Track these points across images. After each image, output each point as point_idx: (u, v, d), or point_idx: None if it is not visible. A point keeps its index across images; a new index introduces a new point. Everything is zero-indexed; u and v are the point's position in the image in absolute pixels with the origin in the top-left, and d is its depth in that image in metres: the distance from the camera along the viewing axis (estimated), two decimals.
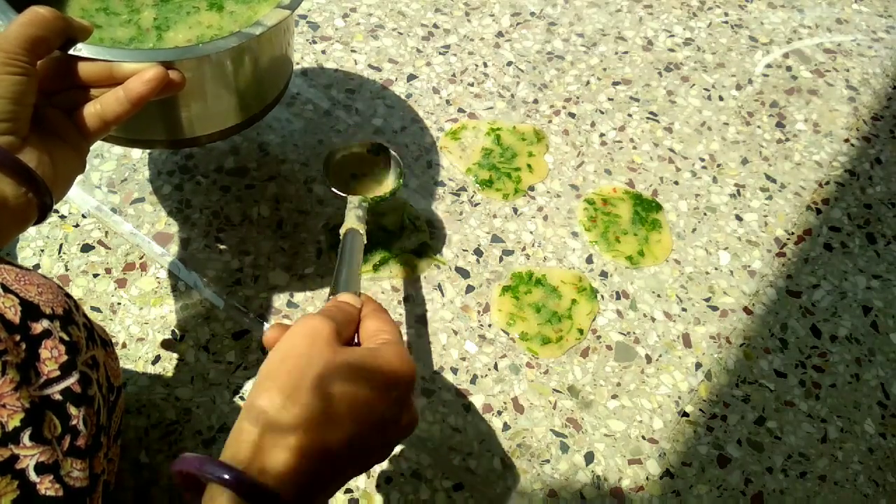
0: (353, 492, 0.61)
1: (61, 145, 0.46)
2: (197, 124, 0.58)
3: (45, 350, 0.40)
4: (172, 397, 0.64)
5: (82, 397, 0.41)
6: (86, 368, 0.43)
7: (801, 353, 0.72)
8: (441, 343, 0.69)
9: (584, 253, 0.77)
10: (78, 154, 0.47)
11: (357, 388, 0.37)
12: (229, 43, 0.51)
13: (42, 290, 0.42)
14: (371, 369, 0.39)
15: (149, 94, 0.46)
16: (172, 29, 0.57)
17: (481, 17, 0.99)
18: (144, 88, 0.46)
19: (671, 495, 0.63)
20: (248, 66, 0.57)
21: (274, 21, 0.53)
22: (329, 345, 0.38)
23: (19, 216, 0.43)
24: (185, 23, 0.57)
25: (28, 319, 0.40)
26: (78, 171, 0.48)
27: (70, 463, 0.39)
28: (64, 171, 0.46)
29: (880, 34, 1.05)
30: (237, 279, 0.71)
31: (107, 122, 0.47)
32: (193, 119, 0.57)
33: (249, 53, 0.57)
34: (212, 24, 0.58)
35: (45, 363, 0.40)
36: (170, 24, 0.57)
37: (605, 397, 0.67)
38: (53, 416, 0.39)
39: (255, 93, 0.61)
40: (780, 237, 0.81)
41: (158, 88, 0.47)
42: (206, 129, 0.59)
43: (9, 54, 0.41)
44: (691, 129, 0.90)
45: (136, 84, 0.46)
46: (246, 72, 0.58)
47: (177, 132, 0.58)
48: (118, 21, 0.56)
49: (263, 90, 0.62)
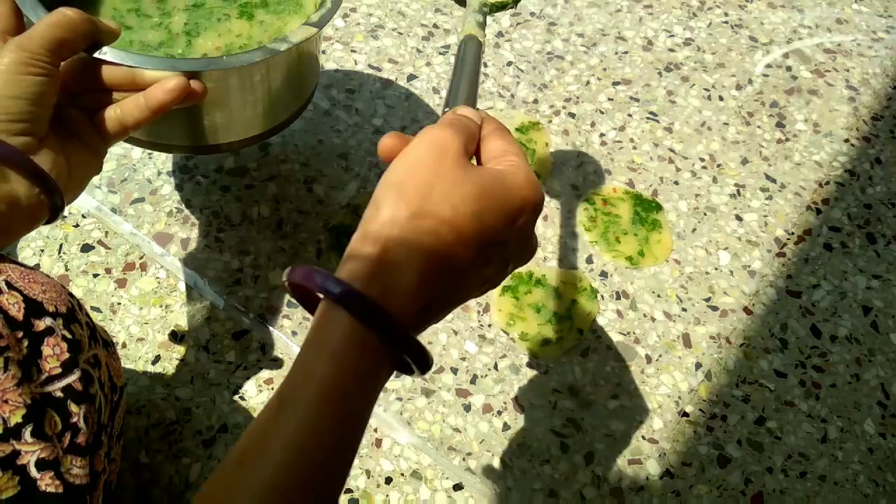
0: (352, 492, 0.61)
1: (79, 146, 0.46)
2: (220, 132, 0.58)
3: (47, 347, 0.40)
4: (172, 397, 0.64)
5: (83, 395, 0.41)
6: (87, 366, 0.43)
7: (801, 353, 0.72)
8: (441, 343, 0.69)
9: (584, 253, 0.77)
10: (95, 156, 0.48)
11: (487, 211, 0.34)
12: (253, 58, 0.51)
13: (46, 289, 0.42)
14: (502, 192, 0.35)
15: (169, 103, 0.47)
16: (202, 35, 0.57)
17: None
18: (165, 97, 0.46)
19: (671, 495, 0.63)
20: (272, 79, 0.58)
21: (300, 38, 0.53)
22: (458, 161, 0.35)
23: (30, 215, 0.43)
24: (214, 30, 0.58)
25: (31, 317, 0.40)
26: (94, 173, 0.48)
27: (70, 460, 0.39)
28: (79, 172, 0.46)
29: (880, 34, 1.05)
30: (237, 279, 0.71)
31: (126, 127, 0.47)
32: (217, 127, 0.58)
33: (274, 68, 0.57)
34: (241, 32, 0.58)
35: (47, 360, 0.40)
36: (200, 30, 0.57)
37: (605, 397, 0.67)
38: (54, 413, 0.39)
39: (278, 104, 0.61)
40: (780, 237, 0.81)
41: (179, 98, 0.47)
42: (228, 138, 0.59)
43: (32, 55, 0.41)
44: (691, 129, 0.90)
45: (157, 92, 0.46)
46: (270, 85, 0.58)
47: (199, 139, 0.58)
48: (149, 24, 0.57)
49: (287, 101, 0.62)
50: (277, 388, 0.32)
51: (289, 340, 0.68)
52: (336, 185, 0.79)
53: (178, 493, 0.59)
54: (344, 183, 0.79)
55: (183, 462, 0.61)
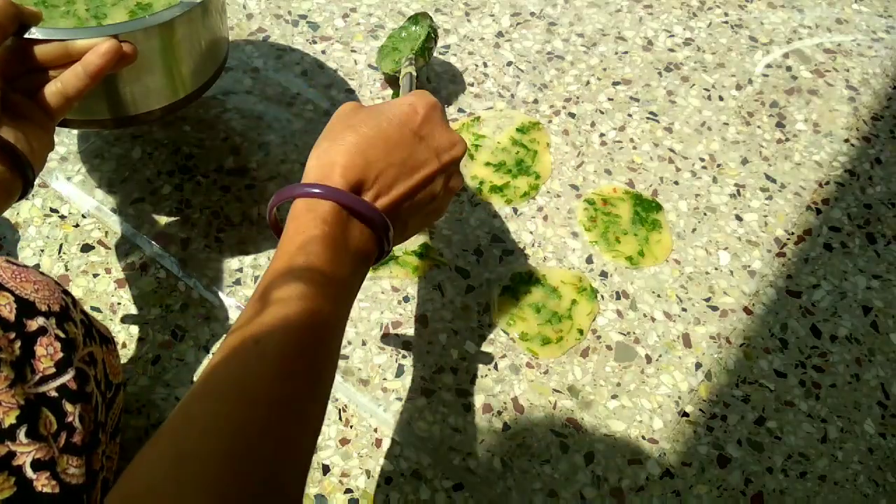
0: (353, 492, 0.61)
1: (31, 126, 0.48)
2: (140, 101, 0.61)
3: (40, 347, 0.40)
4: (172, 397, 0.64)
5: (79, 394, 0.41)
6: (82, 365, 0.43)
7: (801, 353, 0.72)
8: (441, 343, 0.69)
9: (584, 253, 0.77)
10: (46, 133, 0.49)
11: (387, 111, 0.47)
12: (174, 13, 0.56)
13: (38, 287, 0.42)
14: (395, 103, 0.48)
15: (106, 67, 0.49)
16: (110, 17, 0.60)
17: (481, 17, 0.99)
18: (101, 61, 0.48)
19: (671, 495, 0.63)
20: (192, 38, 0.61)
21: None
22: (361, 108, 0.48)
23: (4, 190, 0.45)
24: (118, 7, 0.61)
25: (23, 317, 0.40)
26: (49, 149, 0.50)
27: (66, 460, 0.39)
28: (38, 147, 0.48)
29: (880, 34, 1.05)
30: (237, 279, 0.71)
31: (69, 99, 0.49)
32: (136, 95, 0.61)
33: (192, 24, 0.60)
34: (145, 4, 0.61)
35: (40, 360, 0.40)
36: (105, 10, 0.60)
37: (605, 397, 0.67)
38: (49, 413, 0.39)
39: (193, 68, 0.64)
40: (780, 237, 0.81)
41: (115, 60, 0.49)
42: (148, 106, 0.62)
43: None
44: (691, 129, 0.90)
45: (93, 58, 0.48)
46: (186, 45, 0.61)
47: (120, 109, 0.61)
48: (58, 13, 0.59)
49: (201, 66, 0.65)
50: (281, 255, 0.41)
51: None
52: None
53: None
54: None
55: None
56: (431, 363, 0.68)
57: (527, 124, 0.87)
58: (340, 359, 0.67)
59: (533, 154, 0.84)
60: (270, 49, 0.92)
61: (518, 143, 0.85)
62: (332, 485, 0.61)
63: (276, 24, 0.95)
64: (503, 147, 0.84)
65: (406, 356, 0.68)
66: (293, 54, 0.91)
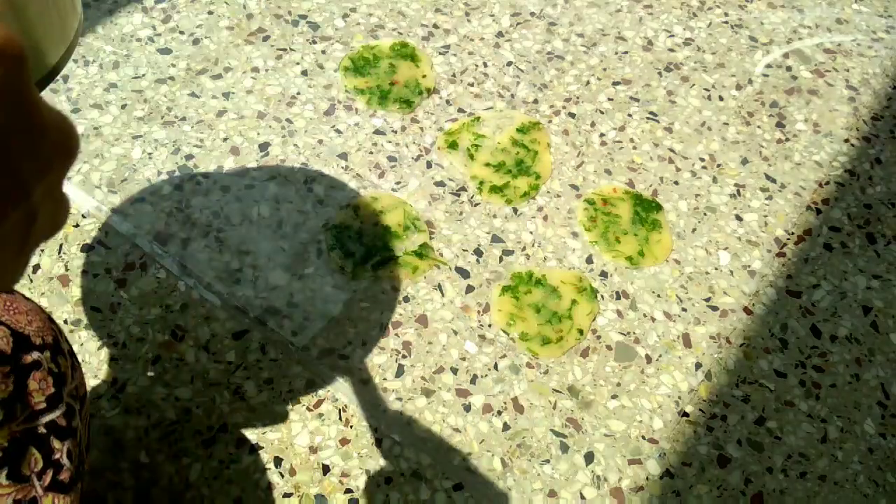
0: (352, 492, 0.61)
1: None
2: None
3: (33, 381, 0.40)
4: (172, 397, 0.64)
5: (67, 430, 0.41)
6: (70, 399, 0.43)
7: (801, 353, 0.72)
8: (441, 343, 0.69)
9: (584, 253, 0.77)
10: None
11: None
12: None
13: (31, 319, 0.42)
14: None
15: None
16: None
17: (481, 17, 0.99)
18: None
19: (671, 495, 0.63)
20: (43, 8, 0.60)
21: None
22: None
23: None
24: None
25: (20, 351, 0.40)
26: None
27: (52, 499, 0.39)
28: None
29: (880, 34, 1.05)
30: (237, 279, 0.71)
31: None
32: None
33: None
34: None
35: (32, 395, 0.39)
36: None
37: (605, 397, 0.67)
38: (35, 451, 0.39)
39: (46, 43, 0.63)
40: (780, 237, 0.81)
41: None
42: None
43: None
44: (691, 129, 0.90)
45: None
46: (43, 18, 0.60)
47: None
48: None
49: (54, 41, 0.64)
50: None
51: (289, 341, 0.68)
52: (336, 185, 0.79)
53: (178, 493, 0.59)
54: (344, 183, 0.79)
55: (183, 462, 0.61)
56: (431, 363, 0.68)
57: (527, 124, 0.87)
58: (341, 359, 0.68)
59: (533, 154, 0.84)
60: (270, 49, 0.92)
61: (518, 143, 0.85)
62: (332, 485, 0.61)
63: (276, 24, 0.95)
64: (503, 147, 0.84)
65: (406, 356, 0.68)
66: (293, 54, 0.91)
